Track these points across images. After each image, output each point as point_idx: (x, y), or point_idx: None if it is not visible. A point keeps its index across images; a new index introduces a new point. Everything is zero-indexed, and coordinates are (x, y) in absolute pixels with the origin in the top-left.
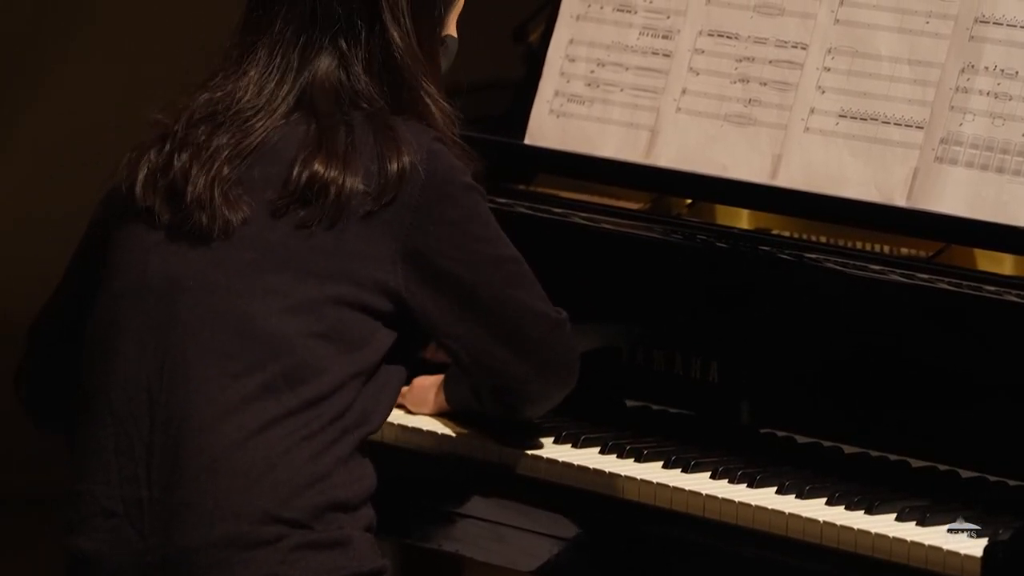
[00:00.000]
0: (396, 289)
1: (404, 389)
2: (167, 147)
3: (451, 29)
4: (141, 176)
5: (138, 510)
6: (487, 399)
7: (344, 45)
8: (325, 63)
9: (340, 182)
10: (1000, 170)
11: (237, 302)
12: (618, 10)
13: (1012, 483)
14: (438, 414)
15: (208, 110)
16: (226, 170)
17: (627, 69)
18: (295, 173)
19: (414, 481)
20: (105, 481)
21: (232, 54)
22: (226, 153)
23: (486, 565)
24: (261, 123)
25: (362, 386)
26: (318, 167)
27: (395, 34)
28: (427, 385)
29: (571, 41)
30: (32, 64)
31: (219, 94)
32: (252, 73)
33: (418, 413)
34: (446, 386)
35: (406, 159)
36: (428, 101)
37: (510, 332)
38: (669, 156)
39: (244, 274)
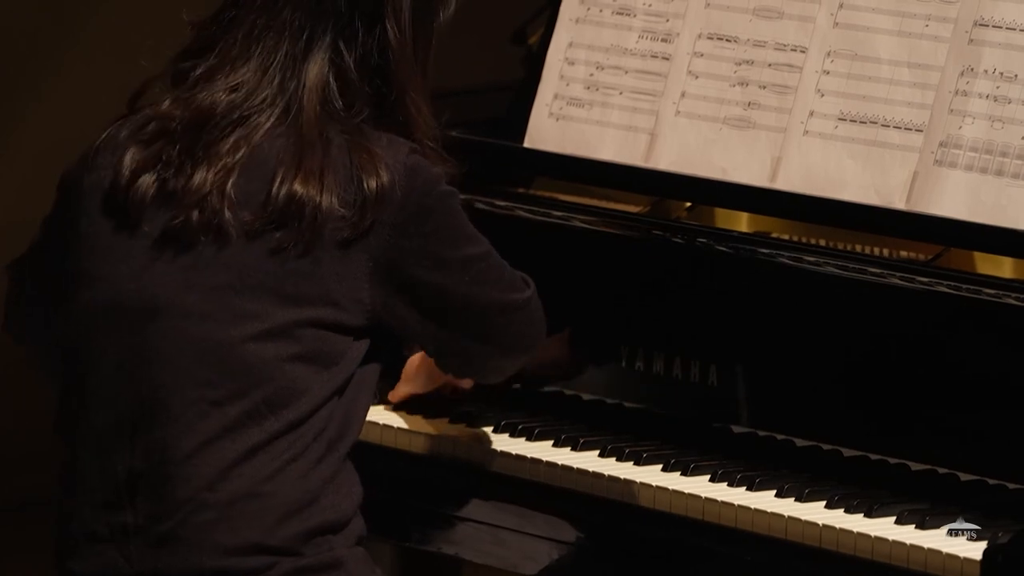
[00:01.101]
0: (372, 305)
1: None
2: (167, 146)
3: None
4: (144, 178)
5: (124, 536)
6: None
7: (341, 44)
8: (319, 62)
9: (316, 202)
10: (999, 173)
11: (213, 328)
12: (617, 13)
13: (1011, 486)
14: (436, 416)
15: (208, 110)
16: (234, 176)
17: (626, 72)
18: (274, 192)
19: (413, 484)
20: (91, 502)
21: (231, 40)
22: (227, 161)
23: (485, 568)
24: (256, 128)
25: (340, 397)
26: (297, 187)
27: (393, 38)
28: (414, 360)
29: (570, 44)
30: (33, 67)
31: (221, 96)
32: (255, 67)
33: (413, 391)
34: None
35: (384, 178)
36: (412, 109)
37: (479, 324)
38: (668, 159)
39: (219, 298)
